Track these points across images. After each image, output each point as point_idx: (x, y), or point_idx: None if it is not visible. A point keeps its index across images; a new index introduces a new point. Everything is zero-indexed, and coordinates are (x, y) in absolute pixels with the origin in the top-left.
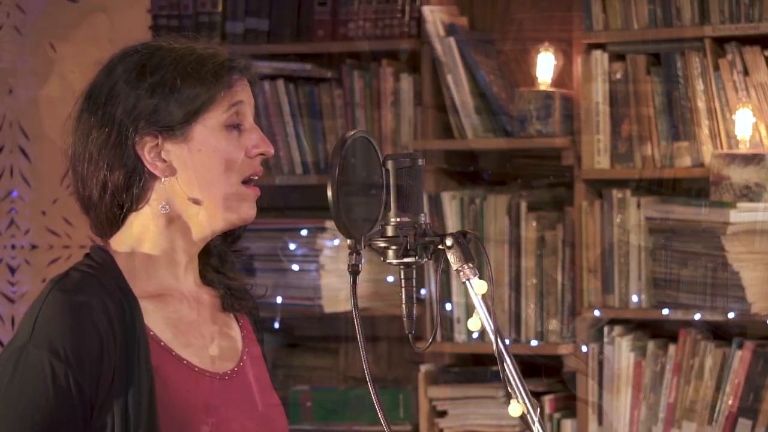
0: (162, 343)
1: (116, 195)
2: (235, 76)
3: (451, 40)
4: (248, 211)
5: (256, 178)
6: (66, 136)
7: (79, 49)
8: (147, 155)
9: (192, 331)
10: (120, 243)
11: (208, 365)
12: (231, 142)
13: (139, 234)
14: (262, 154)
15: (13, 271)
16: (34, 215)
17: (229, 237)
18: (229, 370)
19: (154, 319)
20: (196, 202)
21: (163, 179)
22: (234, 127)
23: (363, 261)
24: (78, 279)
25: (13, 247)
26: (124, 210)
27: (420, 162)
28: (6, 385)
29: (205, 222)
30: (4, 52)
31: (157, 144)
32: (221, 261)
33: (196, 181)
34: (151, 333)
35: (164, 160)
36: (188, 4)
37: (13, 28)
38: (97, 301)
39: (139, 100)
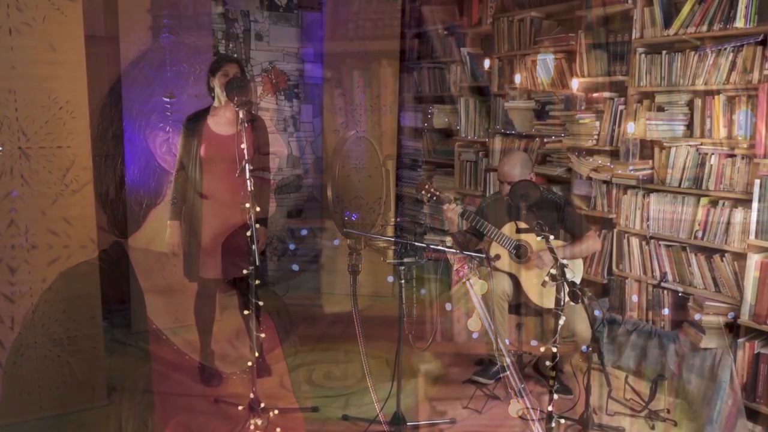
0: (164, 337)
1: (133, 191)
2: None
3: (451, 39)
4: (261, 206)
5: (270, 174)
6: (93, 129)
7: (80, 49)
8: (158, 149)
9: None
10: (136, 240)
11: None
12: (239, 139)
13: (153, 231)
14: (273, 153)
15: (13, 271)
16: (34, 215)
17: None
18: None
19: (157, 313)
20: (204, 196)
21: (174, 174)
22: (244, 123)
23: (363, 261)
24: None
25: (13, 247)
26: (144, 206)
27: (420, 163)
28: None
29: (217, 218)
30: (5, 52)
31: (168, 139)
32: (246, 255)
33: (204, 176)
34: (153, 326)
35: (174, 155)
36: (188, 4)
37: (13, 28)
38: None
39: (153, 94)
